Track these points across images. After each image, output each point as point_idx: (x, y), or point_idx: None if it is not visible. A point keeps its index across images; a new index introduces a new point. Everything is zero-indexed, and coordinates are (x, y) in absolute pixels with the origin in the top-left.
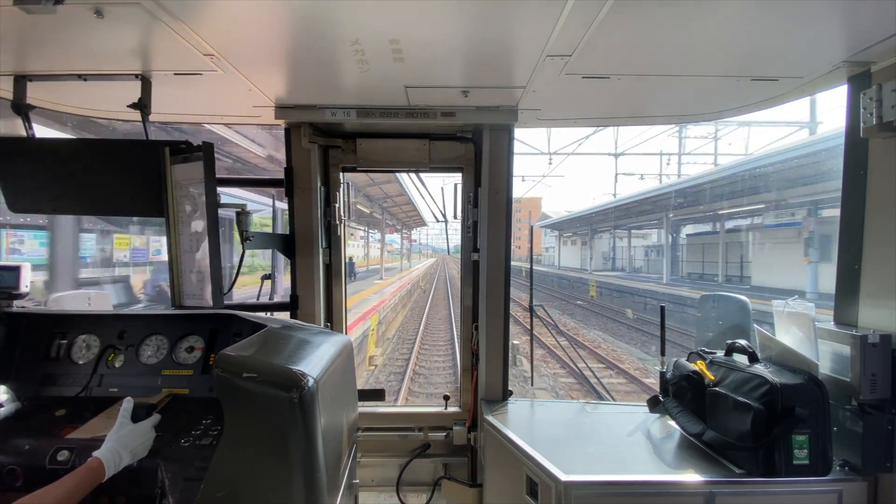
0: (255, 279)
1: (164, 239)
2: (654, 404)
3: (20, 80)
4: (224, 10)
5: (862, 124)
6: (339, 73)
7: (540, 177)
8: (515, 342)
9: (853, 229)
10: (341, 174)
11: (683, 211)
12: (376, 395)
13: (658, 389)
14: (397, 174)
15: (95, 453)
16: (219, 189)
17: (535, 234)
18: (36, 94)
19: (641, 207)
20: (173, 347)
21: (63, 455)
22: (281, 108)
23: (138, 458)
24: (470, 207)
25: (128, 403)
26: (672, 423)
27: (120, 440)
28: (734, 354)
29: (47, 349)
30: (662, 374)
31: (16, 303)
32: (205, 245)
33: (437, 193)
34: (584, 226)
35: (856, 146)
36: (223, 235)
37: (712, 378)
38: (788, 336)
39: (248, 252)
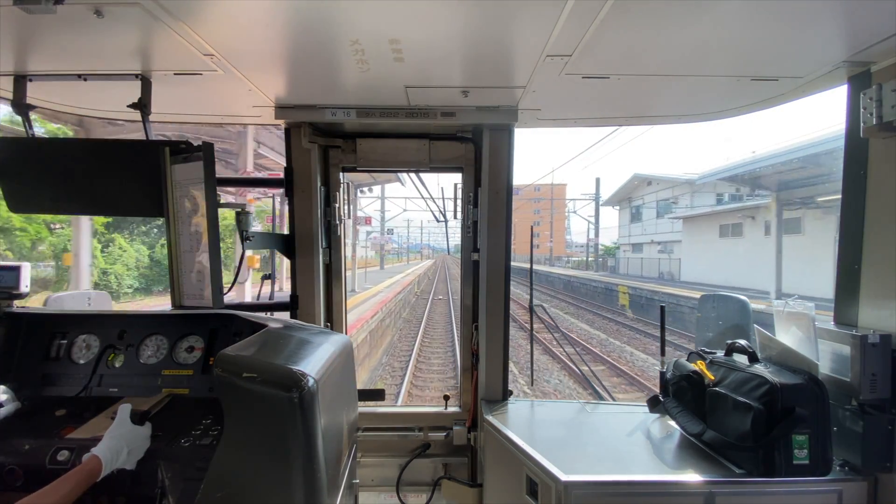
0: None
1: None
2: (654, 404)
3: (20, 80)
4: (224, 10)
5: (862, 124)
6: (338, 73)
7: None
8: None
9: (853, 229)
10: (341, 174)
11: None
12: (376, 395)
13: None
14: None
15: (94, 450)
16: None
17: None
18: (36, 94)
19: None
20: (173, 347)
21: (63, 455)
22: (281, 108)
23: (134, 460)
24: (470, 207)
25: (126, 405)
26: (672, 423)
27: (118, 437)
28: (734, 354)
29: (47, 349)
30: (662, 374)
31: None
32: (205, 245)
33: (437, 193)
34: None
35: (856, 146)
36: None
37: (712, 378)
38: (788, 336)
39: None
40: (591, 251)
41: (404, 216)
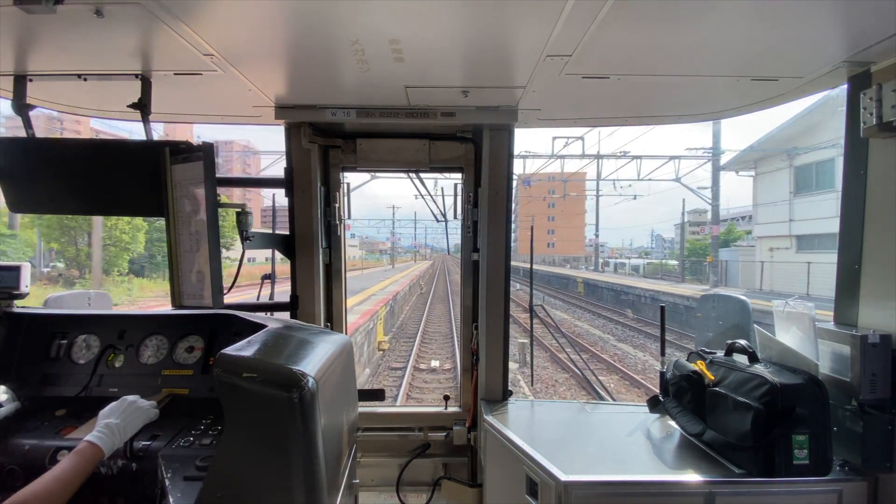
0: None
1: None
2: (654, 404)
3: (20, 80)
4: (224, 10)
5: (862, 124)
6: (339, 72)
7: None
8: None
9: (853, 229)
10: (341, 174)
11: None
12: (376, 395)
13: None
14: None
15: (86, 437)
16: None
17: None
18: (36, 94)
19: None
20: (173, 347)
21: (63, 455)
22: (281, 108)
23: (135, 425)
24: (470, 207)
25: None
26: (672, 423)
27: (105, 413)
28: (734, 354)
29: (47, 349)
30: (662, 374)
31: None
32: (205, 245)
33: (435, 194)
34: None
35: (856, 146)
36: None
37: (712, 378)
38: (788, 336)
39: None
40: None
41: (370, 193)
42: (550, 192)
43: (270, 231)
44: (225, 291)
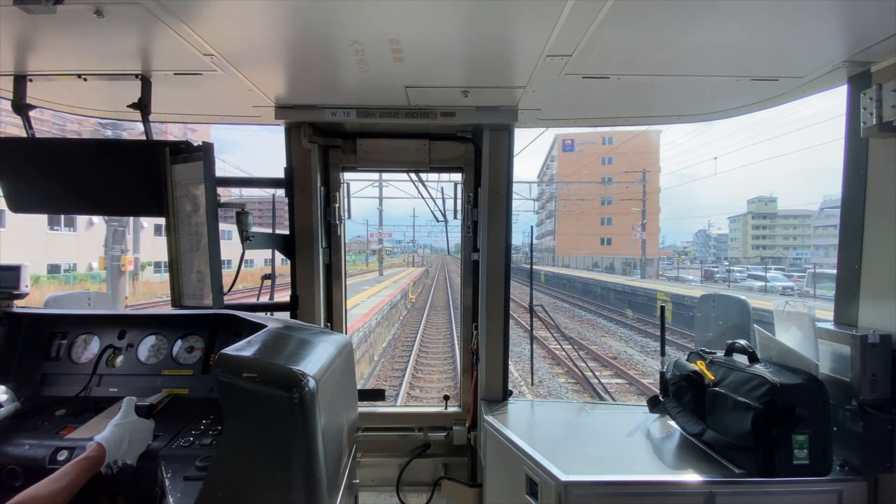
0: None
1: None
2: (654, 404)
3: (20, 80)
4: (224, 10)
5: (862, 124)
6: (339, 72)
7: None
8: None
9: (853, 229)
10: (341, 174)
11: None
12: (376, 395)
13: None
14: None
15: (97, 437)
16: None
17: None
18: (36, 94)
19: None
20: (173, 347)
21: (63, 455)
22: (281, 108)
23: (135, 453)
24: (470, 207)
25: (131, 398)
26: (672, 423)
27: (122, 426)
28: (734, 354)
29: (47, 349)
30: (662, 374)
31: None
32: (205, 245)
33: (437, 193)
34: None
35: (856, 146)
36: None
37: (712, 378)
38: (788, 336)
39: None
40: None
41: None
42: (604, 162)
43: (270, 231)
44: (225, 291)
